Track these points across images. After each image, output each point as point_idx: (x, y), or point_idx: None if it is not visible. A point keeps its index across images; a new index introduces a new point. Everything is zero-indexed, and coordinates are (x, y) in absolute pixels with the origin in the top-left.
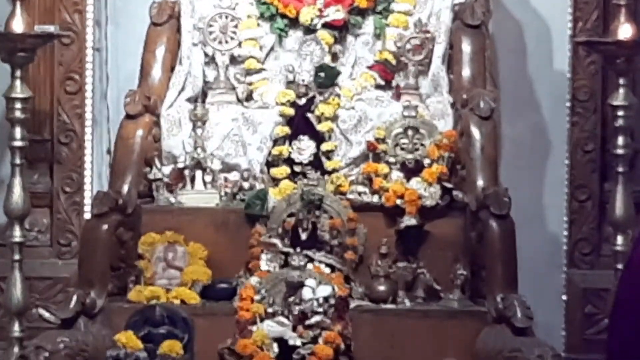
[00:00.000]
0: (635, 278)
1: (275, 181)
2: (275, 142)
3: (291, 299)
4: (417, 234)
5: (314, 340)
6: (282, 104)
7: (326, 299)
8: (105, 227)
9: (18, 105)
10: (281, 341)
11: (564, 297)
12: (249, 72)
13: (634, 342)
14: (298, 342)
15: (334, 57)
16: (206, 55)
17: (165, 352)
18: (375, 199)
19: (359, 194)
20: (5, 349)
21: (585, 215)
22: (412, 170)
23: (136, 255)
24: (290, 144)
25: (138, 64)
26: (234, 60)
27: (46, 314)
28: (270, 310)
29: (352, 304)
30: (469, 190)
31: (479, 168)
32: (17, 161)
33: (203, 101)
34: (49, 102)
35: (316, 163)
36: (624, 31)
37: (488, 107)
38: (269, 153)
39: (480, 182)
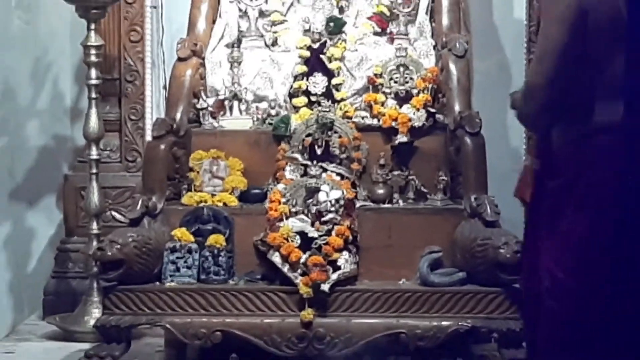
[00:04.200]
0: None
1: (296, 109)
2: (296, 78)
3: (310, 200)
4: (408, 148)
5: (328, 233)
6: (301, 48)
7: (337, 200)
8: (162, 146)
9: (93, 51)
10: (302, 234)
11: None
12: (274, 23)
13: None
14: (315, 235)
15: (341, 10)
16: (240, 10)
17: (211, 243)
18: (374, 121)
19: (362, 117)
20: (86, 243)
21: None
22: (403, 98)
23: (188, 168)
24: (307, 79)
25: (187, 18)
26: (262, 13)
27: (118, 215)
28: (293, 210)
29: (358, 204)
30: (448, 113)
31: (455, 96)
32: (93, 96)
33: (238, 46)
34: (117, 48)
35: (328, 94)
36: None
37: (463, 48)
38: (291, 87)
39: (457, 107)
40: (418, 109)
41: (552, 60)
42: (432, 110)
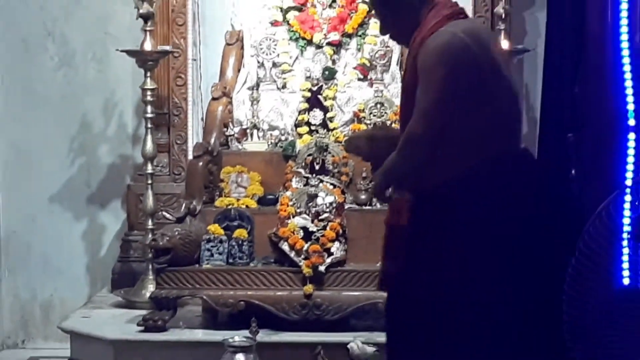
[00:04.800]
0: None
1: (300, 135)
2: (300, 112)
3: (310, 204)
4: None
5: (324, 228)
6: (303, 90)
7: (331, 203)
8: (200, 163)
9: (149, 93)
10: (305, 229)
11: None
12: (283, 72)
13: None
14: (314, 229)
15: (333, 62)
16: (258, 62)
17: (237, 235)
18: None
19: None
20: (144, 235)
21: None
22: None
23: (219, 179)
24: (308, 113)
25: (218, 68)
26: (275, 64)
27: (167, 215)
28: (298, 210)
29: (346, 206)
30: None
31: None
32: (148, 126)
33: (257, 89)
34: (166, 90)
35: (324, 124)
36: (503, 43)
37: None
38: (296, 119)
39: None
40: None
41: (439, 112)
42: None
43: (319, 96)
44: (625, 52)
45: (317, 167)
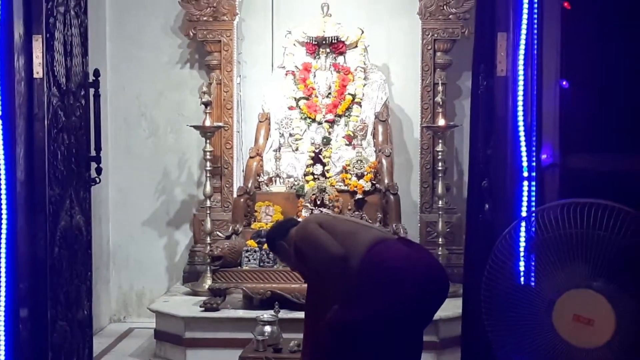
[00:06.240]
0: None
1: (307, 181)
2: (307, 166)
3: None
4: (362, 201)
5: None
6: (309, 152)
7: None
8: (242, 200)
9: (208, 153)
10: None
11: (418, 225)
12: (296, 140)
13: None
14: None
15: (329, 133)
16: (280, 133)
17: (265, 247)
18: (346, 187)
19: (339, 186)
20: (204, 247)
21: (428, 194)
22: (359, 176)
23: (254, 211)
24: (312, 167)
25: (254, 137)
26: (290, 135)
27: (220, 234)
28: None
29: None
30: (382, 184)
31: (385, 175)
32: (208, 175)
33: (279, 151)
34: (219, 152)
35: (323, 174)
36: (441, 121)
37: (389, 151)
38: (305, 170)
39: (386, 181)
40: (367, 182)
41: (328, 242)
42: (374, 182)
43: (320, 156)
44: (521, 127)
45: (318, 202)
